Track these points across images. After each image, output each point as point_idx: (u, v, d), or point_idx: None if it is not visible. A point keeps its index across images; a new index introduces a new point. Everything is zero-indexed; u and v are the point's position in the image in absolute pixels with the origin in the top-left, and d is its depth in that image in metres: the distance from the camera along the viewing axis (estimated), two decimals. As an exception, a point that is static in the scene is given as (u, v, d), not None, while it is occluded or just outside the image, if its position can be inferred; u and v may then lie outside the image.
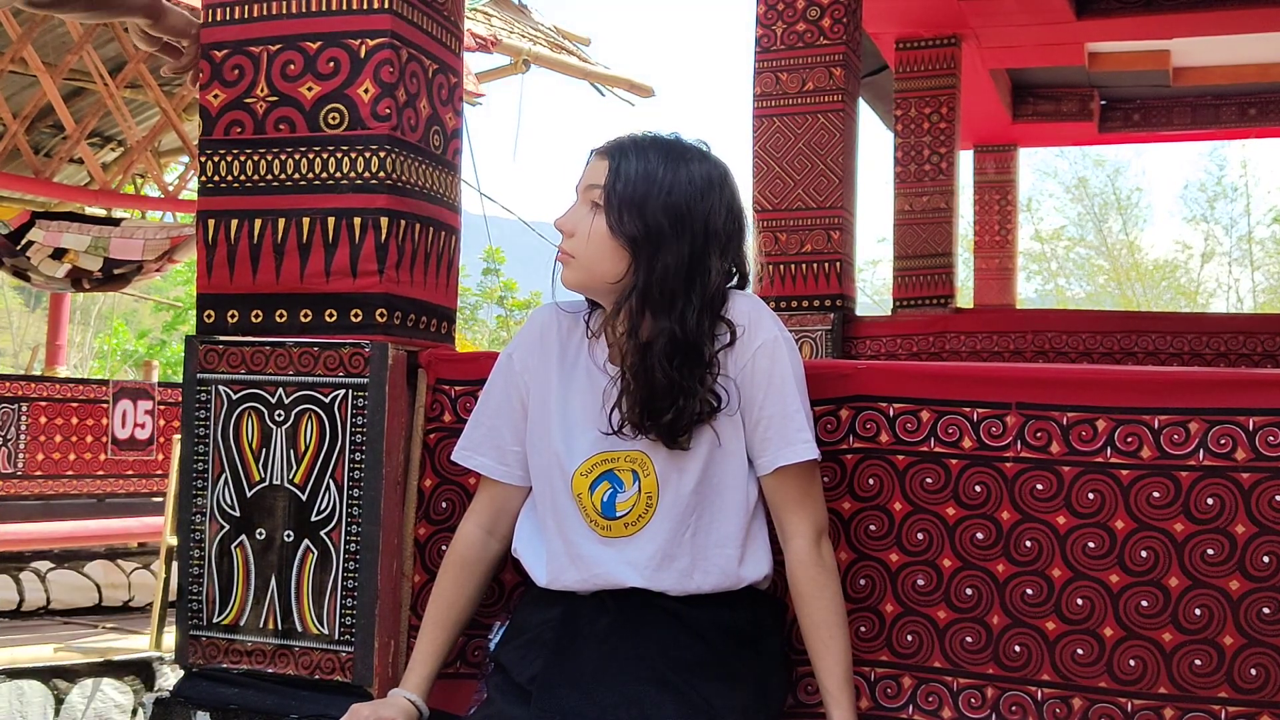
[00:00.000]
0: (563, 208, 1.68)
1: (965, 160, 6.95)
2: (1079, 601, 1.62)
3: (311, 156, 1.88)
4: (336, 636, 1.83)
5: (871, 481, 1.73)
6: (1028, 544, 1.64)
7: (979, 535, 1.67)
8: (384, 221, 1.86)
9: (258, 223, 1.90)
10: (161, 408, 6.11)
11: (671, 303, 1.58)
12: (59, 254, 5.80)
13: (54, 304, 7.96)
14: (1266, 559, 1.55)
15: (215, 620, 1.89)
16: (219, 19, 1.93)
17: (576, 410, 1.67)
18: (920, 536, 1.70)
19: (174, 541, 3.87)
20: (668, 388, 1.57)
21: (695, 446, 1.61)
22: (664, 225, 1.59)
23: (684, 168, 1.61)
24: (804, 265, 3.88)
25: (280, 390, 1.87)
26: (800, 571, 1.61)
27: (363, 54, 1.86)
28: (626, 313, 1.61)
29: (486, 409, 1.76)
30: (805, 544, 1.61)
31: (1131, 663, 1.59)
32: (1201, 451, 1.58)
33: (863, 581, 1.73)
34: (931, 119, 5.24)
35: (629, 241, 1.59)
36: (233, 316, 1.91)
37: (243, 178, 1.92)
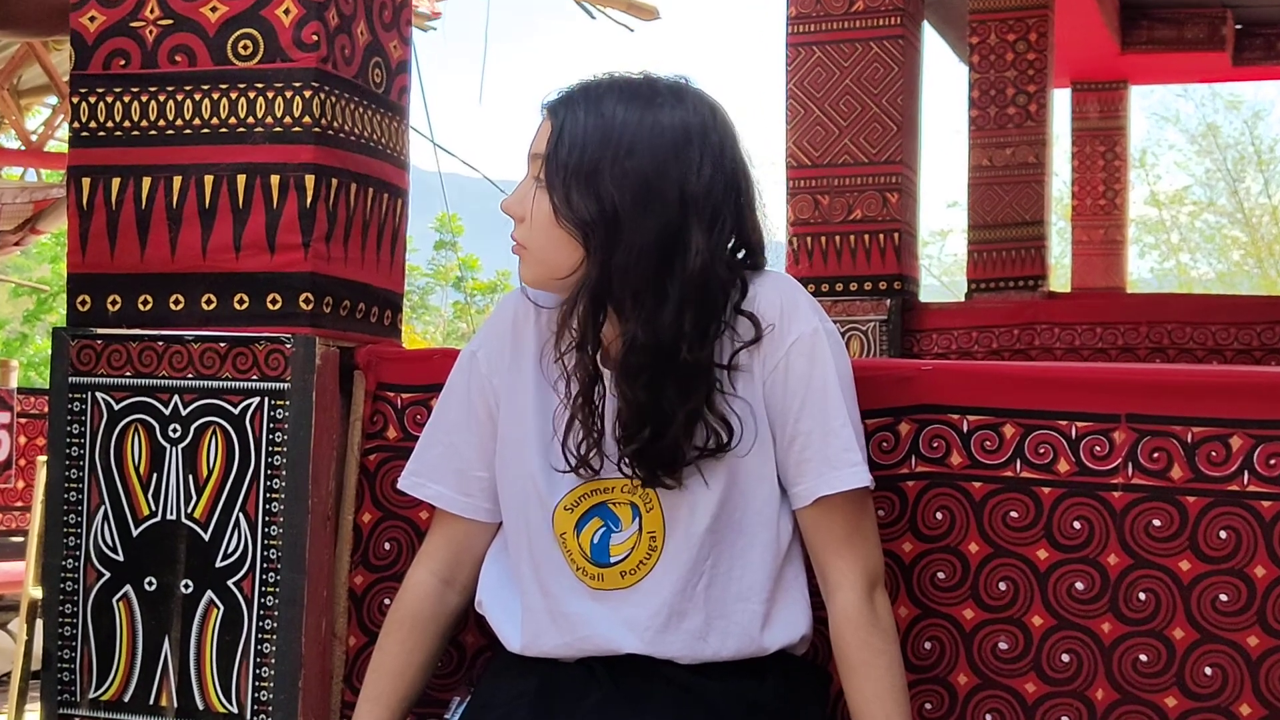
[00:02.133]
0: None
1: (1061, 101, 6.95)
2: (1207, 671, 1.62)
3: (216, 96, 1.88)
4: (249, 715, 1.83)
5: (940, 516, 1.73)
6: (1141, 597, 1.65)
7: (1078, 586, 1.67)
8: (310, 180, 1.86)
9: (146, 181, 1.90)
10: (22, 421, 6.11)
11: (636, 299, 1.56)
12: (-110, 223, 5.81)
13: (-117, 287, 7.96)
14: None
15: (92, 695, 1.89)
16: (97, -81, 1.93)
17: (561, 425, 1.67)
18: (1003, 587, 1.70)
19: (38, 594, 3.87)
20: (639, 413, 1.56)
21: (712, 469, 1.61)
22: (622, 200, 1.55)
23: (649, 117, 1.58)
24: (852, 237, 3.88)
25: (176, 399, 1.88)
26: (848, 632, 1.61)
27: (282, -36, 1.86)
28: (580, 315, 1.58)
29: (443, 423, 1.76)
30: (854, 597, 1.61)
31: (1275, 750, 1.59)
32: (1366, 477, 1.58)
33: (928, 645, 1.73)
34: (1017, 48, 5.24)
35: (579, 225, 1.57)
36: (114, 303, 1.92)
37: (127, 124, 1.92)
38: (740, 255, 1.65)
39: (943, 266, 20.55)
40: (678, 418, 1.56)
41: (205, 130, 1.89)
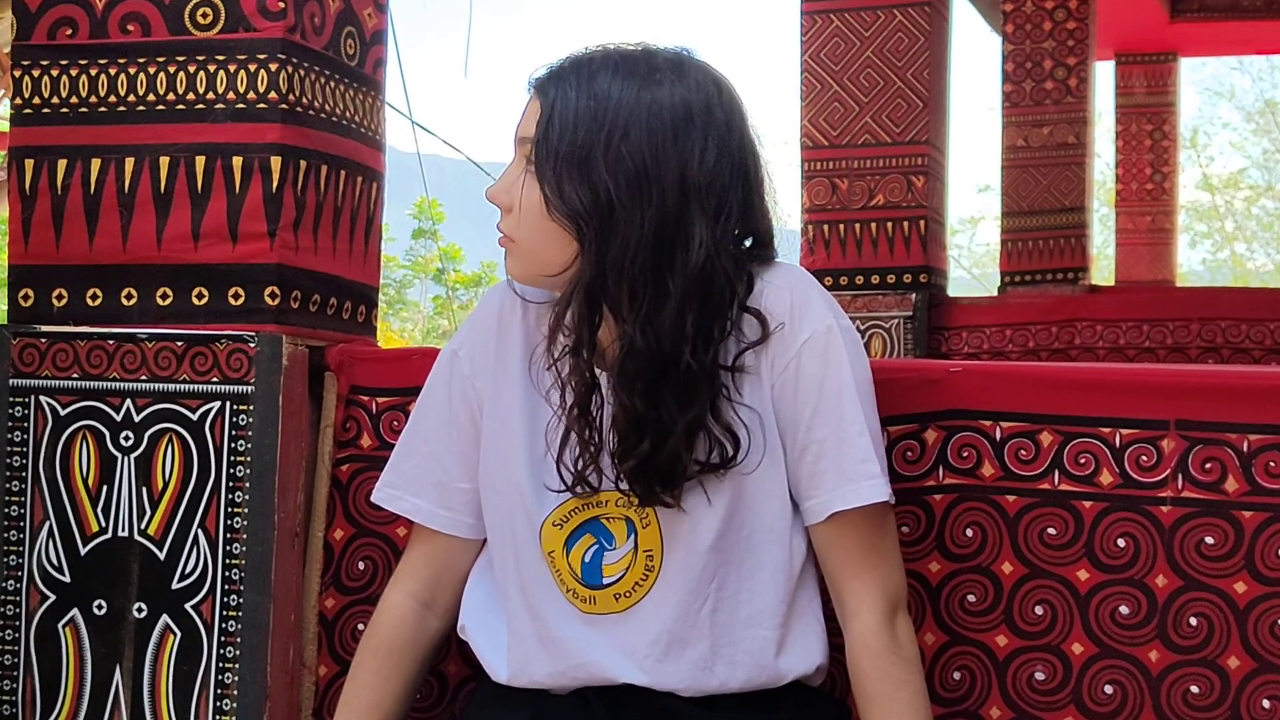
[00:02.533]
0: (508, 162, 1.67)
1: (1104, 75, 6.96)
2: (1265, 704, 1.62)
3: (173, 70, 1.88)
4: (208, 753, 1.83)
5: (970, 533, 1.73)
6: (1192, 622, 1.65)
7: (1123, 609, 1.67)
8: (276, 162, 1.86)
9: (95, 164, 1.90)
10: (-42, 428, 6.11)
11: (633, 298, 1.55)
12: None
13: None
14: None
15: (35, 730, 1.89)
16: (41, -126, 1.93)
17: (551, 432, 1.67)
18: (1039, 611, 1.70)
19: (-24, 618, 3.87)
20: (636, 423, 1.56)
21: (716, 480, 1.61)
22: (617, 188, 1.55)
23: (646, 94, 1.57)
24: (873, 225, 3.88)
25: (128, 403, 1.88)
26: (866, 661, 1.61)
27: (246, -76, 1.86)
28: (574, 317, 1.58)
29: (421, 430, 1.76)
30: (873, 622, 1.61)
31: (1340, 791, 1.59)
32: None
33: (957, 675, 1.73)
34: (1056, 16, 5.24)
35: (571, 217, 1.56)
36: (60, 298, 1.92)
37: (74, 100, 1.92)
38: (747, 246, 1.65)
39: (973, 257, 20.55)
40: (678, 428, 1.56)
41: (160, 107, 1.89)
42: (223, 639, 1.83)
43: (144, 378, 1.87)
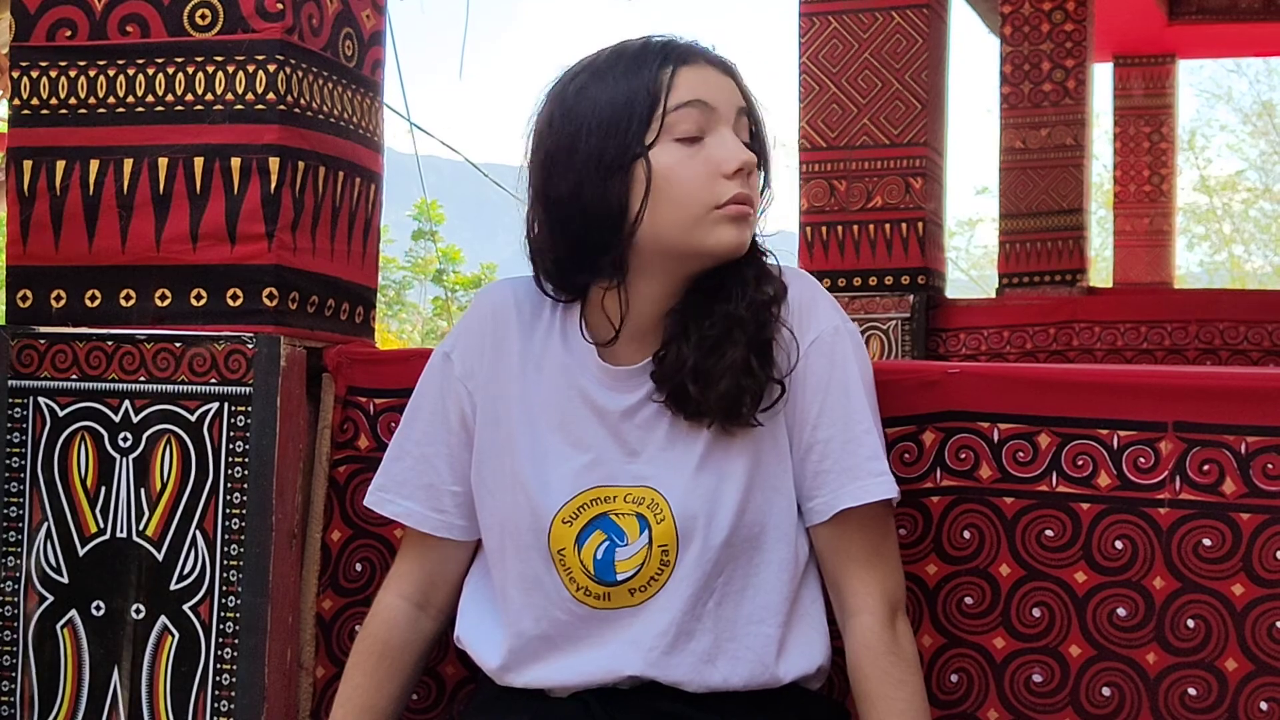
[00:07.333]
0: (731, 141, 1.63)
1: (1102, 77, 6.97)
2: (1263, 706, 1.62)
3: (171, 71, 1.89)
4: (206, 754, 1.83)
5: (968, 535, 1.73)
6: (1190, 624, 1.65)
7: (1120, 612, 1.67)
8: (274, 163, 1.86)
9: (94, 165, 1.91)
10: (-43, 428, 6.11)
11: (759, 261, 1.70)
12: None
13: None
14: None
15: (33, 731, 1.89)
16: (40, -125, 1.93)
17: (551, 430, 1.67)
18: (1037, 614, 1.70)
19: (-26, 619, 3.87)
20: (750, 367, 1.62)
21: (729, 474, 1.61)
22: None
23: None
24: (871, 227, 3.89)
25: (126, 404, 1.88)
26: (866, 661, 1.61)
27: (244, -75, 1.86)
28: (771, 268, 1.67)
29: (413, 432, 1.75)
30: (874, 623, 1.61)
31: (1337, 793, 1.59)
32: None
33: (955, 677, 1.73)
34: (1054, 18, 5.25)
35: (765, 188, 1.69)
36: (59, 299, 1.92)
37: (73, 101, 1.92)
38: None
39: (971, 259, 20.58)
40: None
41: (159, 108, 1.89)
42: (220, 640, 1.83)
43: (142, 379, 1.87)
